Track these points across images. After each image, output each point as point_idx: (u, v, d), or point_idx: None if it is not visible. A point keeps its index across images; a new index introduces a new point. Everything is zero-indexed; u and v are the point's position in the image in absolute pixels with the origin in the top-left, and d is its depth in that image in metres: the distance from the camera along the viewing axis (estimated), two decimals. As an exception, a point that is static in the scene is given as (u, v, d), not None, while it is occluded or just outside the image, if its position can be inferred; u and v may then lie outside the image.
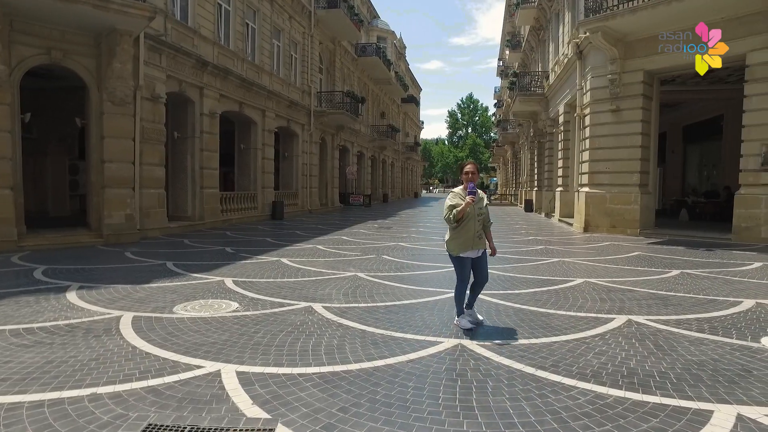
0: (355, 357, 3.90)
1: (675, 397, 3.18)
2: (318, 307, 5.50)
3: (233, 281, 6.95)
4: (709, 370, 3.68)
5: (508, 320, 4.99)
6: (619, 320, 4.99)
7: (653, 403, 3.09)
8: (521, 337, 4.44)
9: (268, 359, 3.85)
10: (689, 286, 6.81)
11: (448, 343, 4.27)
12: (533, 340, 4.32)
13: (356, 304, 5.65)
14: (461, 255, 4.61)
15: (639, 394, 3.22)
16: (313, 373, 3.56)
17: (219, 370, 3.61)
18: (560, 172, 19.74)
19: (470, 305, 4.85)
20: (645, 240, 12.45)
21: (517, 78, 24.18)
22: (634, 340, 4.35)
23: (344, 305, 5.61)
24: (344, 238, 13.00)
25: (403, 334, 4.52)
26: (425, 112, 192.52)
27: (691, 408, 3.04)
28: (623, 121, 13.55)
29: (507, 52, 37.37)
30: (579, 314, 5.23)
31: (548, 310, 5.40)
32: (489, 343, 4.25)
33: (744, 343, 4.34)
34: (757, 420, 2.90)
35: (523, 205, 29.56)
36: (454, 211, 4.52)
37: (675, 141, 23.93)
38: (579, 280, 7.13)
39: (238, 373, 3.56)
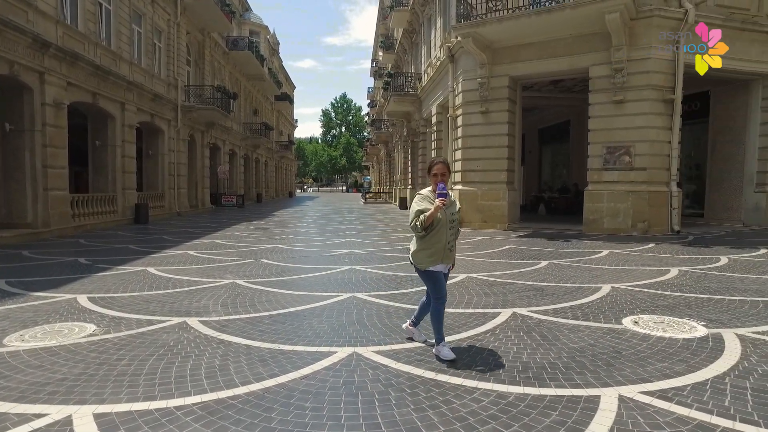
0: (241, 379, 3.47)
1: (567, 387, 3.29)
2: (194, 322, 4.90)
3: (89, 298, 5.97)
4: (588, 355, 3.91)
5: (401, 322, 4.87)
6: (505, 314, 5.16)
7: (550, 395, 3.16)
8: (416, 339, 4.35)
9: (137, 393, 3.25)
10: (558, 275, 7.37)
11: (342, 352, 4.02)
12: (418, 344, 4.24)
13: (237, 316, 5.14)
14: (430, 269, 3.90)
15: (536, 388, 3.28)
16: (194, 404, 3.07)
17: (70, 416, 2.92)
18: (434, 170, 20.54)
19: (416, 322, 4.29)
20: (513, 234, 13.40)
21: (392, 79, 24.77)
22: (522, 333, 4.50)
23: (224, 318, 5.07)
24: (218, 241, 12.10)
25: (292, 346, 4.18)
26: (299, 111, 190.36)
27: (582, 396, 3.15)
28: (492, 123, 14.47)
29: (380, 53, 38.20)
30: (468, 311, 5.33)
31: (437, 308, 5.41)
32: (385, 349, 4.09)
33: (610, 326, 4.72)
34: (634, 398, 3.09)
35: (398, 203, 30.40)
36: (422, 217, 3.76)
37: (532, 142, 26.33)
38: (462, 276, 7.34)
39: (97, 416, 2.91)
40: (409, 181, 28.33)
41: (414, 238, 4.01)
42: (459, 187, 15.26)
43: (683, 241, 11.64)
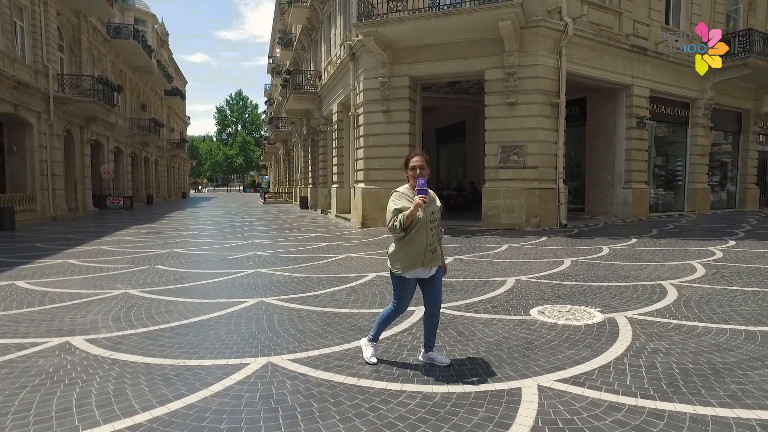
0: (142, 403, 3.05)
1: (489, 382, 3.32)
2: (79, 341, 4.29)
3: (-64, 321, 5.01)
4: (505, 348, 4.01)
5: (314, 326, 4.68)
6: (420, 311, 5.14)
7: (474, 392, 3.17)
8: (333, 343, 4.17)
9: (7, 433, 2.74)
10: (465, 270, 7.58)
11: (256, 363, 3.73)
12: (346, 346, 4.10)
13: (133, 331, 4.60)
14: (406, 275, 3.53)
15: (460, 385, 3.27)
16: (84, 439, 2.65)
17: None
18: (335, 169, 20.42)
19: (428, 345, 3.72)
20: (415, 231, 13.64)
21: (291, 76, 24.17)
22: (438, 330, 4.49)
23: (116, 334, 4.51)
24: (105, 248, 10.93)
25: (199, 360, 3.80)
26: (192, 108, 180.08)
27: (505, 389, 3.20)
28: (393, 122, 14.64)
29: (278, 49, 37.20)
30: (381, 311, 5.24)
31: (351, 310, 5.28)
32: (302, 356, 3.87)
33: (520, 317, 4.91)
34: (552, 387, 3.20)
35: (298, 203, 29.85)
36: (401, 216, 3.39)
37: (430, 142, 27.13)
38: (371, 275, 7.28)
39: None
40: (310, 180, 27.91)
41: (393, 240, 3.64)
42: (361, 186, 15.27)
43: (570, 233, 12.64)
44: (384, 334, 4.37)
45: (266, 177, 78.14)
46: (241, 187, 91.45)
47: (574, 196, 18.96)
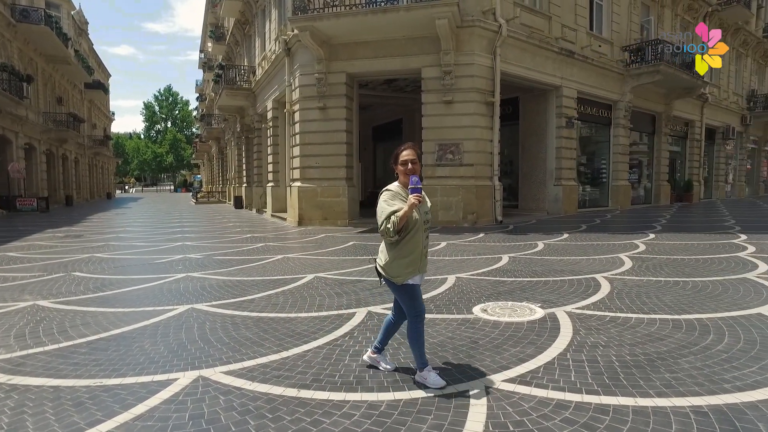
0: (47, 433, 2.68)
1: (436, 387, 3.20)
2: (-28, 363, 3.76)
3: None
4: (450, 349, 3.92)
5: (250, 333, 4.39)
6: (361, 314, 4.99)
7: (421, 398, 3.04)
8: (270, 351, 3.91)
9: None
10: (405, 269, 7.49)
11: (185, 378, 3.41)
12: (284, 354, 3.85)
13: (40, 349, 4.09)
14: (409, 282, 3.18)
15: (406, 392, 3.13)
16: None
17: None
18: (270, 167, 19.84)
19: (380, 349, 3.53)
20: (354, 230, 13.49)
21: (223, 71, 23.19)
22: (377, 331, 4.35)
23: (19, 354, 3.98)
24: (12, 254, 9.90)
25: (120, 379, 3.42)
26: (117, 103, 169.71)
27: (453, 393, 3.09)
28: (330, 119, 14.36)
29: (210, 44, 35.68)
30: (321, 314, 5.03)
31: (289, 314, 5.02)
32: (237, 368, 3.58)
33: (463, 316, 4.86)
34: (499, 388, 3.13)
35: (232, 202, 28.85)
36: (394, 218, 3.02)
37: (366, 139, 27.05)
38: (310, 276, 7.02)
39: None
40: (244, 179, 27.01)
41: (383, 245, 3.28)
42: (298, 184, 14.90)
43: (506, 230, 12.94)
44: (324, 339, 4.18)
45: (198, 176, 75.13)
46: (172, 187, 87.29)
47: (507, 193, 19.51)
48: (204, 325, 4.67)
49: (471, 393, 3.08)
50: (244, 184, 26.70)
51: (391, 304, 5.30)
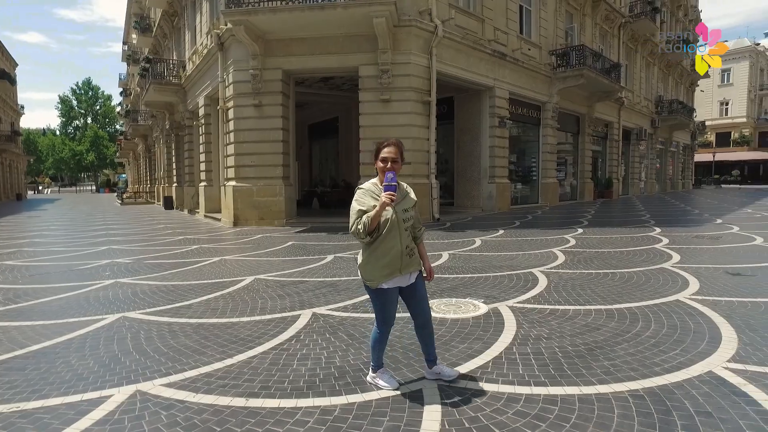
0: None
1: (390, 387, 3.18)
2: None
3: None
4: (399, 348, 3.91)
5: (191, 341, 4.17)
6: (305, 315, 4.88)
7: (375, 400, 3.00)
8: (213, 359, 3.72)
9: None
10: (346, 269, 7.43)
11: (120, 394, 3.16)
12: (228, 361, 3.68)
13: (-54, 368, 3.66)
14: (384, 285, 3.03)
15: (359, 394, 3.08)
16: None
17: None
18: (203, 166, 19.07)
19: (431, 360, 3.26)
20: (292, 229, 13.24)
21: (151, 65, 21.95)
22: (327, 335, 4.27)
23: None
24: None
25: (42, 401, 3.10)
26: (26, 96, 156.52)
27: (407, 393, 3.08)
28: (266, 117, 13.99)
29: (134, 35, 33.60)
30: (265, 317, 4.87)
31: (230, 319, 4.82)
32: (178, 379, 3.37)
33: (409, 314, 4.85)
34: (451, 385, 3.16)
35: (162, 203, 27.48)
36: (365, 218, 2.87)
37: (302, 138, 26.68)
38: (249, 279, 6.79)
39: None
40: (174, 178, 25.78)
41: (361, 248, 3.12)
42: (233, 183, 14.41)
43: (443, 227, 13.19)
44: (270, 344, 4.04)
45: (123, 176, 70.93)
46: (94, 187, 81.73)
47: (443, 191, 19.94)
48: (138, 334, 4.38)
49: (424, 392, 3.09)
50: (175, 184, 25.48)
51: (336, 305, 5.28)
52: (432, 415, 2.77)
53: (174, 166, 25.72)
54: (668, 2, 34.56)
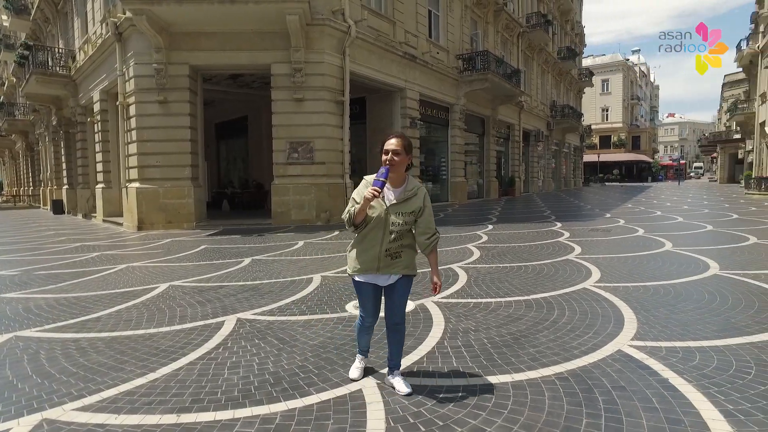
0: None
1: (328, 389, 3.12)
2: None
3: None
4: (332, 349, 3.86)
5: (104, 358, 3.81)
6: (230, 321, 4.67)
7: (316, 403, 2.93)
8: (134, 375, 3.42)
9: None
10: (267, 271, 7.22)
11: (21, 426, 2.79)
12: (152, 376, 3.40)
13: None
14: (356, 277, 3.01)
15: (298, 399, 2.99)
16: None
17: None
18: (100, 167, 17.55)
19: (390, 366, 3.15)
20: (203, 233, 12.62)
21: (31, 52, 19.68)
22: (256, 340, 4.12)
23: None
24: None
25: (-72, 433, 2.70)
26: None
27: (346, 394, 3.05)
28: (172, 114, 13.19)
29: (6, 16, 29.93)
30: (186, 326, 4.59)
31: (148, 330, 4.48)
32: (94, 401, 3.06)
33: (338, 314, 4.84)
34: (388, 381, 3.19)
35: (50, 207, 24.91)
36: (352, 209, 2.85)
37: (210, 137, 25.45)
38: (164, 286, 6.37)
39: None
40: (65, 180, 23.43)
41: None
42: (136, 185, 13.43)
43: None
44: (196, 353, 3.82)
45: (-3, 177, 63.06)
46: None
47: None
48: (38, 355, 3.92)
49: (365, 392, 3.08)
50: (66, 186, 23.12)
51: (261, 308, 5.11)
52: (376, 414, 2.78)
53: (64, 167, 23.34)
54: (558, 17, 37.54)
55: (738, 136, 46.76)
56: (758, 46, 34.41)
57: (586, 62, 57.51)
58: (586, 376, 3.23)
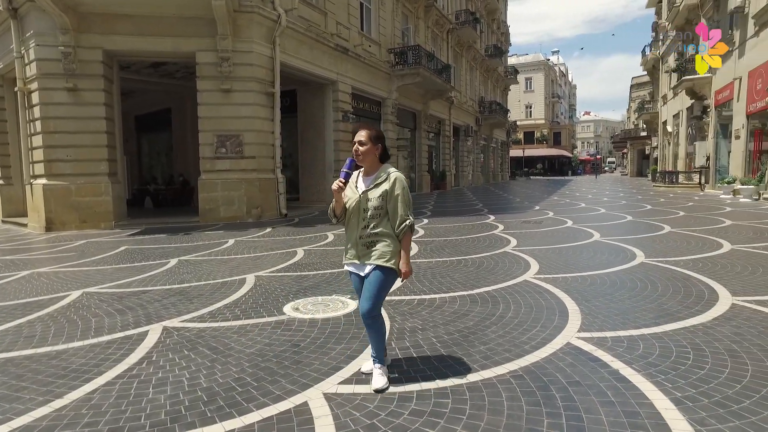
0: None
1: (270, 404, 2.81)
2: None
3: None
4: (272, 358, 3.54)
5: (6, 377, 3.27)
6: (155, 331, 4.21)
7: (257, 422, 2.61)
8: (35, 404, 2.90)
9: None
10: (195, 273, 6.70)
11: None
12: (59, 403, 2.90)
13: None
14: (345, 267, 3.10)
15: (237, 418, 2.65)
16: None
17: None
18: (-4, 161, 15.80)
19: (372, 356, 3.10)
20: (123, 232, 11.66)
21: None
22: (186, 351, 3.71)
23: None
24: None
25: None
26: None
27: (291, 408, 2.76)
28: (84, 103, 12.04)
29: None
30: (103, 339, 4.07)
31: (55, 347, 3.91)
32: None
33: (276, 318, 4.50)
34: (337, 392, 2.94)
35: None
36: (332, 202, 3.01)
37: (129, 130, 23.73)
38: (76, 293, 5.70)
39: None
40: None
41: None
42: (42, 181, 12.17)
43: (292, 223, 12.84)
44: (114, 372, 3.36)
45: None
46: None
47: (289, 185, 19.51)
48: None
49: (311, 404, 2.80)
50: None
51: (190, 315, 4.66)
52: (324, 429, 2.51)
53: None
54: (485, 15, 38.60)
55: (644, 133, 50.50)
56: (659, 53, 37.36)
57: (511, 61, 59.76)
58: (540, 372, 3.15)
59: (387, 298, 5.00)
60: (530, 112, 70.98)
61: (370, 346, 3.16)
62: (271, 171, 14.07)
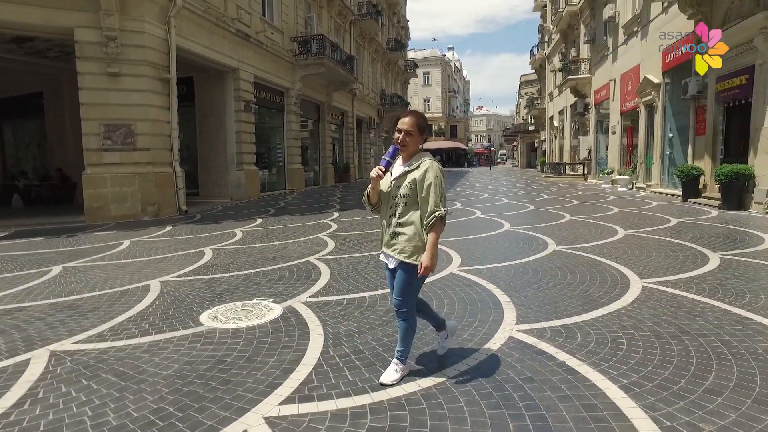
0: None
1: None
2: None
3: None
4: (194, 379, 3.07)
5: None
6: (40, 358, 3.49)
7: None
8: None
9: None
10: (87, 282, 5.83)
11: None
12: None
13: None
14: (381, 257, 2.98)
15: (163, 461, 2.23)
16: None
17: None
18: None
19: (397, 350, 2.99)
20: (-13, 236, 10.02)
21: None
22: (84, 380, 3.09)
23: None
24: None
25: None
26: None
27: (225, 442, 2.38)
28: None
29: None
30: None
31: None
32: None
33: (193, 330, 3.99)
34: (279, 414, 2.61)
35: None
36: (369, 189, 2.93)
37: (-13, 117, 20.68)
38: (-73, 314, 4.66)
39: None
40: None
41: None
42: None
43: (194, 220, 11.92)
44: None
45: None
46: None
47: (187, 180, 18.21)
48: None
49: (251, 430, 2.44)
50: None
51: (86, 334, 3.96)
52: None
53: None
54: (387, 9, 38.86)
55: (533, 128, 54.30)
56: (545, 53, 40.30)
57: (410, 55, 60.97)
58: (492, 370, 3.05)
59: (312, 299, 4.73)
60: (428, 105, 73.10)
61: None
62: (169, 164, 12.94)
